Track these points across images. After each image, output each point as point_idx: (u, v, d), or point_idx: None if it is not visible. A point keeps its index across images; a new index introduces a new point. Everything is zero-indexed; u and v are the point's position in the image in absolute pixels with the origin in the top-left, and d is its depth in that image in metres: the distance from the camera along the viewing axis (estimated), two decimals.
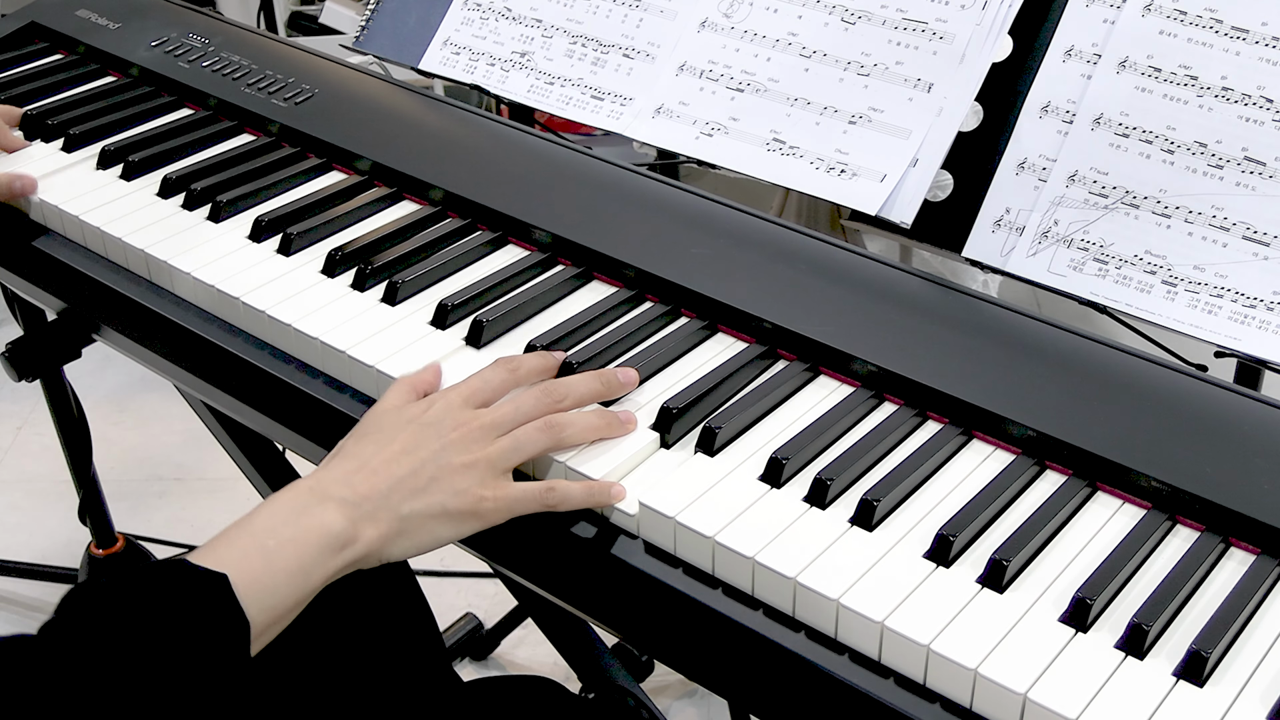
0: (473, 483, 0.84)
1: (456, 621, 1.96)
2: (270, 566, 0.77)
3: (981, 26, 1.08)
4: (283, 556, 0.78)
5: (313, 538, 0.79)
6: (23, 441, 2.40)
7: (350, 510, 0.81)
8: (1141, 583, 0.80)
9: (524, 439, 0.86)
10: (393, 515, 0.82)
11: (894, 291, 1.00)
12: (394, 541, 0.83)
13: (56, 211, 1.17)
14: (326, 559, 0.79)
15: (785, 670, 0.79)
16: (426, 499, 0.83)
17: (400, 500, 0.82)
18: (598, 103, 1.23)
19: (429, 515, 0.83)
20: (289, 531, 0.79)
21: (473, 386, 0.89)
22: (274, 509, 0.81)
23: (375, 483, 0.83)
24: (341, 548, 0.80)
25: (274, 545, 0.78)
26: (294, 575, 0.78)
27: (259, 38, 1.38)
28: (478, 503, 0.84)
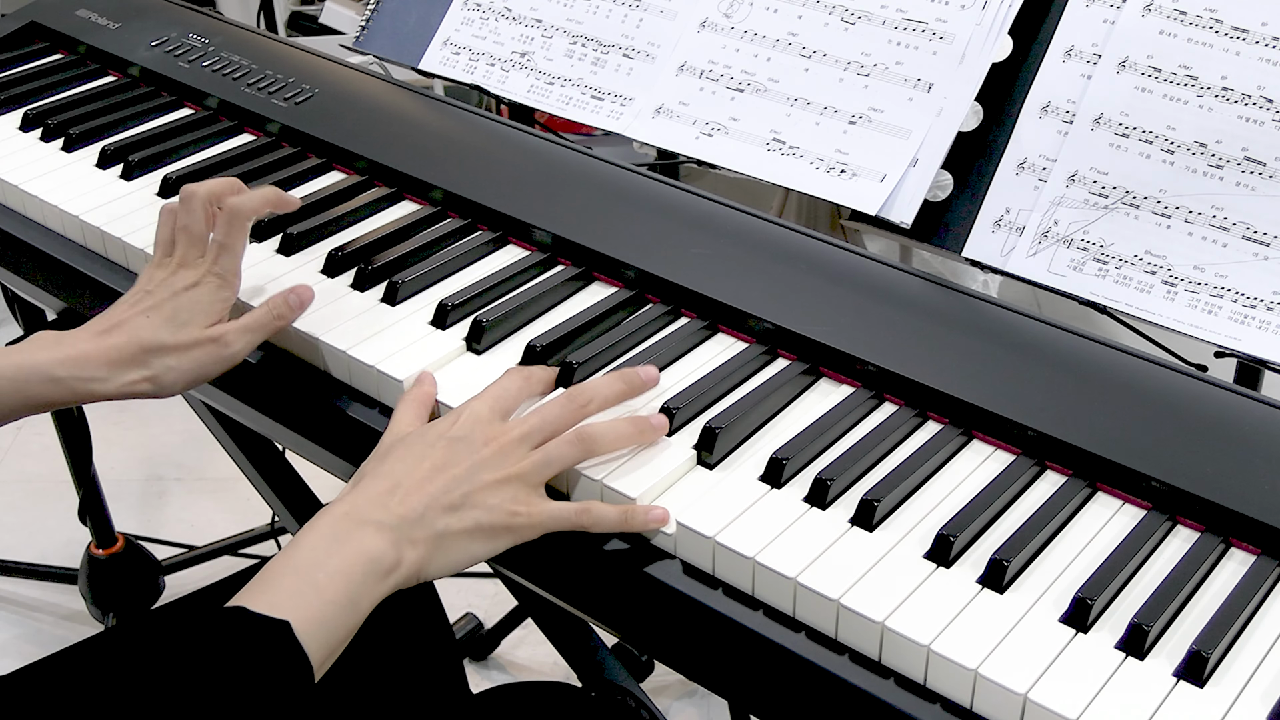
0: (506, 499, 0.84)
1: (456, 621, 1.96)
2: (323, 602, 0.77)
3: (981, 26, 1.08)
4: (333, 589, 0.78)
5: (358, 565, 0.79)
6: (23, 441, 2.40)
7: (390, 533, 0.81)
8: (1142, 583, 0.80)
9: (555, 453, 0.86)
10: (430, 535, 0.82)
11: (894, 291, 1.00)
12: (432, 561, 0.82)
13: (56, 211, 1.17)
14: (373, 585, 0.79)
15: (785, 670, 0.79)
16: (461, 517, 0.83)
17: (435, 518, 0.82)
18: (598, 103, 1.23)
19: (464, 533, 0.83)
20: (335, 563, 0.79)
21: (495, 395, 0.89)
22: (314, 541, 0.80)
23: (411, 503, 0.82)
24: (387, 573, 0.80)
25: (323, 580, 0.78)
26: (344, 608, 0.78)
27: (259, 38, 1.38)
28: (511, 518, 0.83)
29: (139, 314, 0.95)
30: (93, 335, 0.94)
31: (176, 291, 0.96)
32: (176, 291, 0.96)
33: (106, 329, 0.95)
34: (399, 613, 1.08)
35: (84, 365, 0.93)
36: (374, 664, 1.04)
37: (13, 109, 1.32)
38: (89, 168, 1.22)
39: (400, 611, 1.08)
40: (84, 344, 0.93)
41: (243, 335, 0.96)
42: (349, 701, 1.01)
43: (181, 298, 0.96)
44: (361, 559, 0.79)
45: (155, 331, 0.94)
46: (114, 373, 0.93)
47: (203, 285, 0.96)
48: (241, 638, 0.74)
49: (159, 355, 0.94)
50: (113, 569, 1.86)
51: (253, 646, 0.74)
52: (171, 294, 0.96)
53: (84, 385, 0.93)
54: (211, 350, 0.95)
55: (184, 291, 0.96)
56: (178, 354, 0.94)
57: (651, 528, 0.84)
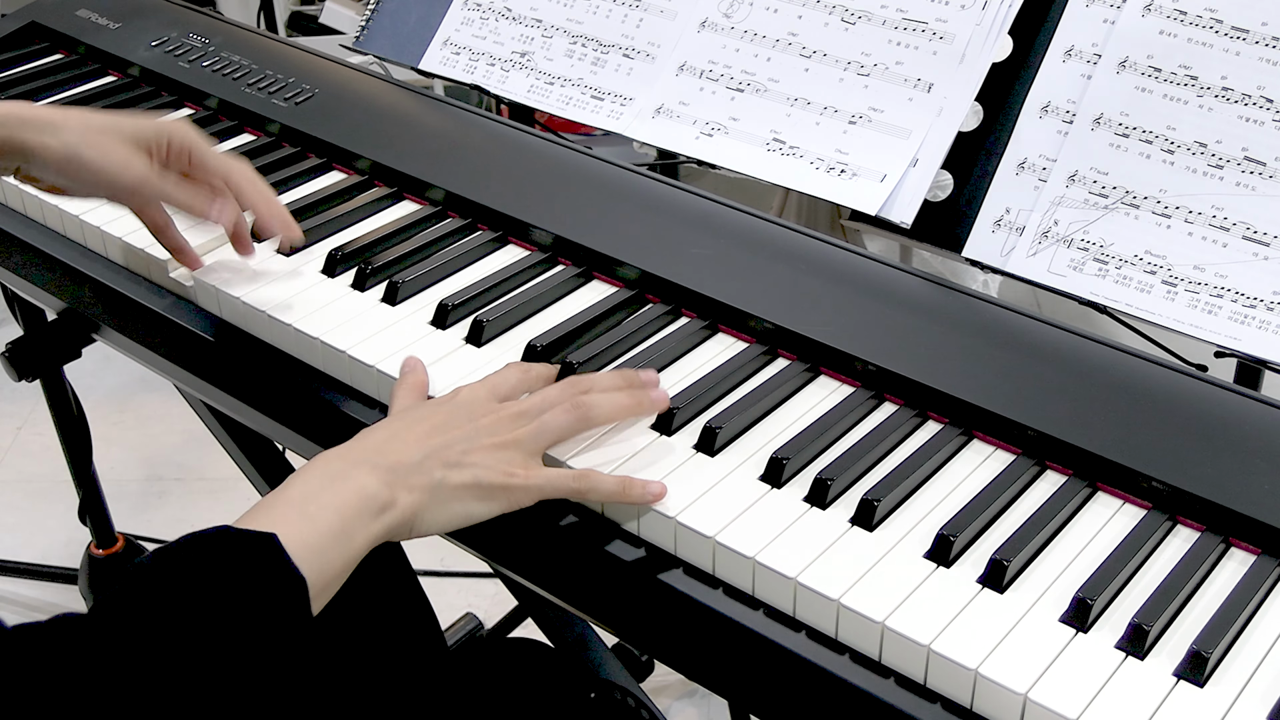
0: (504, 460, 0.84)
1: (456, 621, 1.96)
2: (314, 529, 0.77)
3: (981, 26, 1.08)
4: (324, 519, 0.78)
5: (351, 500, 0.79)
6: (23, 441, 2.40)
7: (385, 474, 0.81)
8: (1142, 583, 0.80)
9: (551, 421, 0.86)
10: (426, 482, 0.82)
11: (894, 291, 1.00)
12: (428, 510, 0.82)
13: (56, 211, 1.17)
14: (367, 522, 0.79)
15: (785, 670, 0.79)
16: (459, 471, 0.83)
17: (432, 468, 0.82)
18: (598, 103, 1.23)
19: (461, 486, 0.83)
20: (327, 497, 0.79)
21: (493, 382, 0.90)
22: (307, 478, 0.80)
23: (408, 451, 0.83)
24: (380, 511, 0.80)
25: (314, 510, 0.78)
26: (338, 537, 0.77)
27: (259, 38, 1.38)
28: (509, 478, 0.84)
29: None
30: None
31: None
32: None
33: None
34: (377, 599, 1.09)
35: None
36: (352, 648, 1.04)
37: None
38: None
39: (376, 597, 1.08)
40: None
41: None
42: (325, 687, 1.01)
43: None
44: (355, 495, 0.79)
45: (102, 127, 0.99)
46: None
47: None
48: (226, 551, 0.74)
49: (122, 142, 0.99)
50: (113, 569, 1.86)
51: (238, 558, 0.73)
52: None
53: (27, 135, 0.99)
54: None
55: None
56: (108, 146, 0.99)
57: (648, 500, 0.84)
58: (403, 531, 0.82)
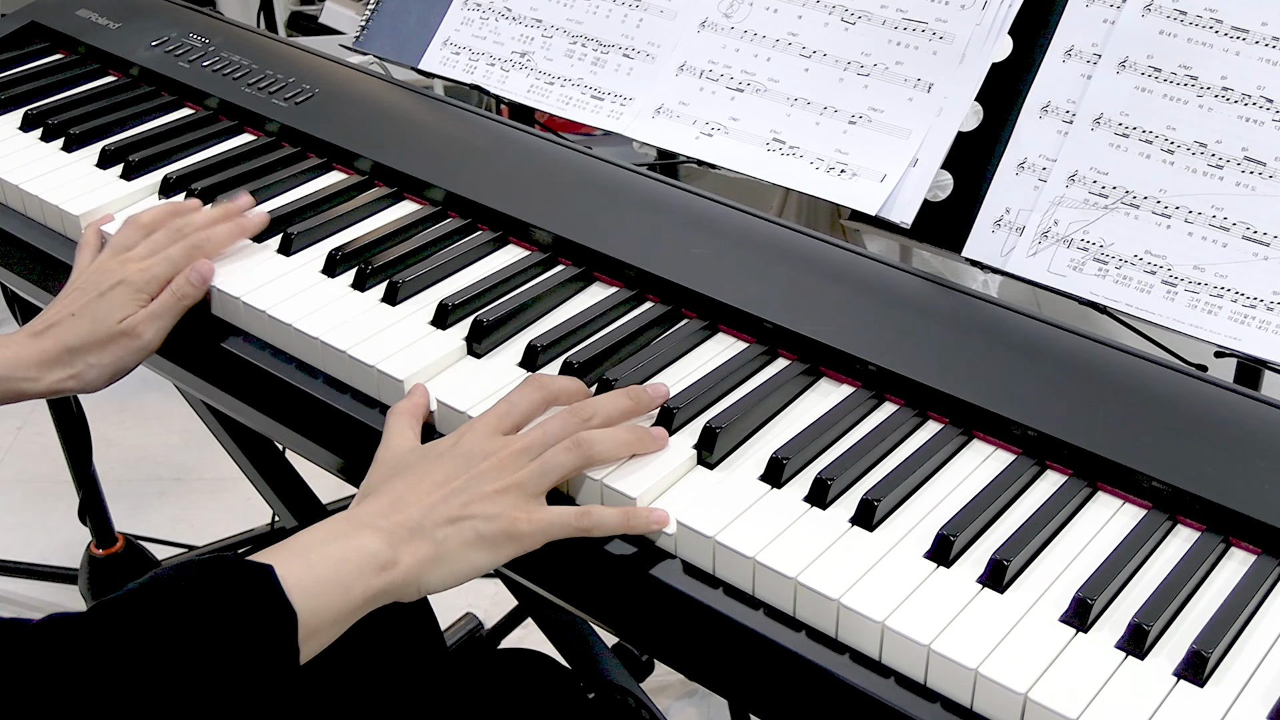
0: (506, 507, 0.84)
1: (456, 621, 1.96)
2: (312, 574, 0.78)
3: (981, 26, 1.08)
4: (324, 567, 0.78)
5: (353, 556, 0.80)
6: (23, 441, 2.40)
7: (387, 536, 0.81)
8: (1142, 583, 0.80)
9: (552, 461, 0.86)
10: (429, 542, 0.82)
11: (894, 291, 1.00)
12: (431, 569, 0.82)
13: (57, 211, 1.17)
14: (367, 577, 0.80)
15: (786, 670, 0.79)
16: (460, 528, 0.83)
17: (434, 526, 0.83)
18: (598, 103, 1.23)
19: (464, 541, 0.83)
20: (329, 549, 0.80)
21: (499, 412, 0.89)
22: (312, 533, 0.81)
23: (410, 514, 0.83)
24: (381, 569, 0.80)
25: (315, 558, 0.79)
26: (335, 586, 0.78)
27: (259, 38, 1.38)
28: (512, 525, 0.83)
29: (66, 315, 1.02)
30: (28, 338, 1.02)
31: (103, 291, 1.02)
32: (103, 291, 1.02)
33: (40, 331, 1.02)
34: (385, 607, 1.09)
35: (18, 367, 1.00)
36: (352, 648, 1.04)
37: (13, 109, 1.32)
38: (89, 167, 1.22)
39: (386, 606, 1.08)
40: (19, 347, 1.01)
41: (152, 323, 1.02)
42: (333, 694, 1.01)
43: (104, 298, 1.02)
44: (357, 551, 0.80)
45: (77, 333, 1.01)
46: (43, 373, 1.01)
47: (124, 285, 1.02)
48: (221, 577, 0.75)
49: (80, 355, 1.01)
50: (113, 569, 1.86)
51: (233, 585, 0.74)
52: (98, 293, 1.02)
53: (18, 385, 1.01)
54: (125, 343, 1.02)
55: (107, 292, 1.02)
56: (97, 351, 1.01)
57: (653, 529, 0.84)
58: (409, 591, 0.82)
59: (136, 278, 1.02)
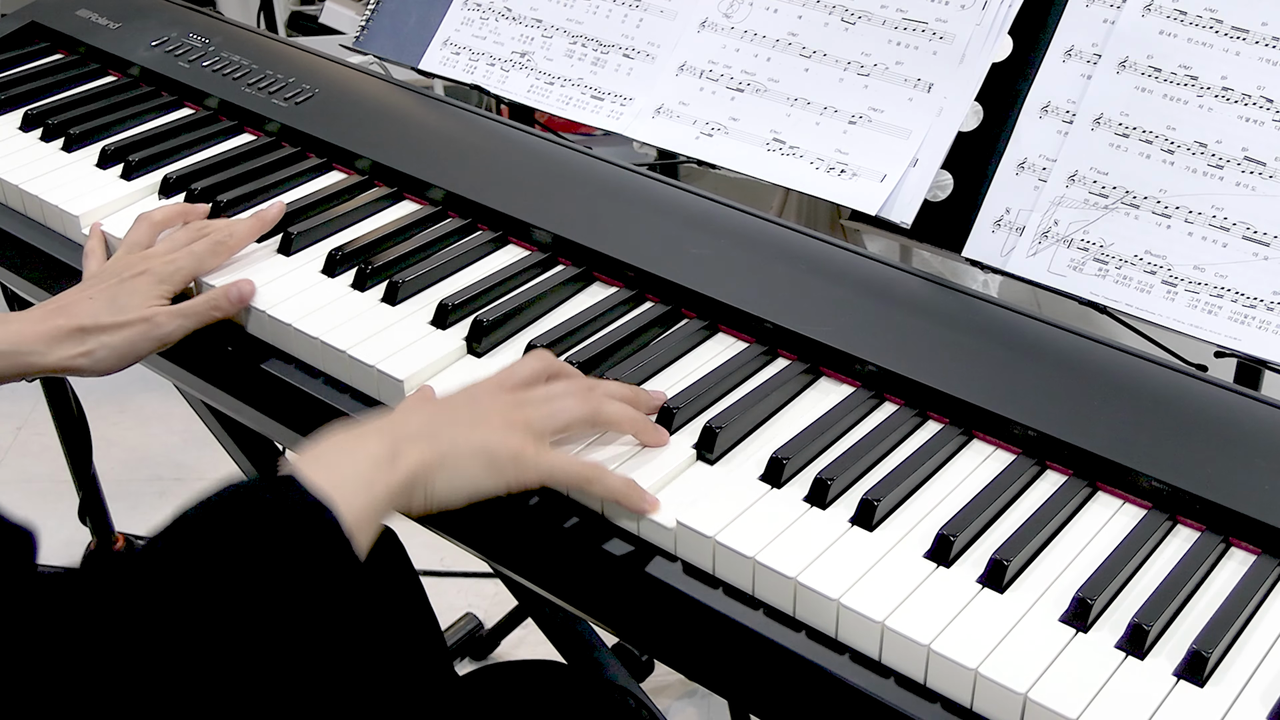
0: (515, 436, 0.84)
1: (456, 621, 1.96)
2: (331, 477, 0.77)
3: (981, 26, 1.08)
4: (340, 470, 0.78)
5: (362, 458, 0.79)
6: (23, 441, 2.40)
7: (391, 437, 0.81)
8: (1142, 583, 0.80)
9: (560, 405, 0.87)
10: (435, 443, 0.82)
11: (894, 291, 1.00)
12: (437, 473, 0.82)
13: (57, 211, 1.17)
14: (381, 473, 0.79)
15: (785, 670, 0.79)
16: (470, 433, 0.83)
17: (442, 427, 0.83)
18: (598, 103, 1.23)
19: (470, 451, 0.83)
20: (335, 456, 0.80)
21: (506, 373, 0.91)
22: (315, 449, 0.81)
23: (417, 420, 0.84)
24: (390, 462, 0.80)
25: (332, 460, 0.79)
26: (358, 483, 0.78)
27: (259, 38, 1.38)
28: (519, 452, 0.84)
29: (83, 298, 1.01)
30: (39, 314, 1.01)
31: (124, 279, 1.02)
32: (124, 279, 1.02)
33: (52, 310, 1.01)
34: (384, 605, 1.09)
35: (24, 341, 0.98)
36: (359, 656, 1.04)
37: (13, 109, 1.32)
38: (89, 167, 1.22)
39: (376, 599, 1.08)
40: (27, 323, 1.00)
41: (176, 319, 1.02)
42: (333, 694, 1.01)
43: (124, 285, 1.01)
44: (366, 455, 0.80)
45: (93, 314, 1.00)
46: (52, 348, 0.99)
47: (147, 275, 1.02)
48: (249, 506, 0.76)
49: (94, 334, 0.99)
50: None
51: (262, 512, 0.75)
52: (118, 280, 1.02)
53: (24, 359, 0.99)
54: (143, 329, 1.00)
55: (128, 280, 1.02)
56: (111, 332, 1.00)
57: (646, 510, 0.84)
58: (418, 493, 0.81)
59: (161, 269, 1.02)
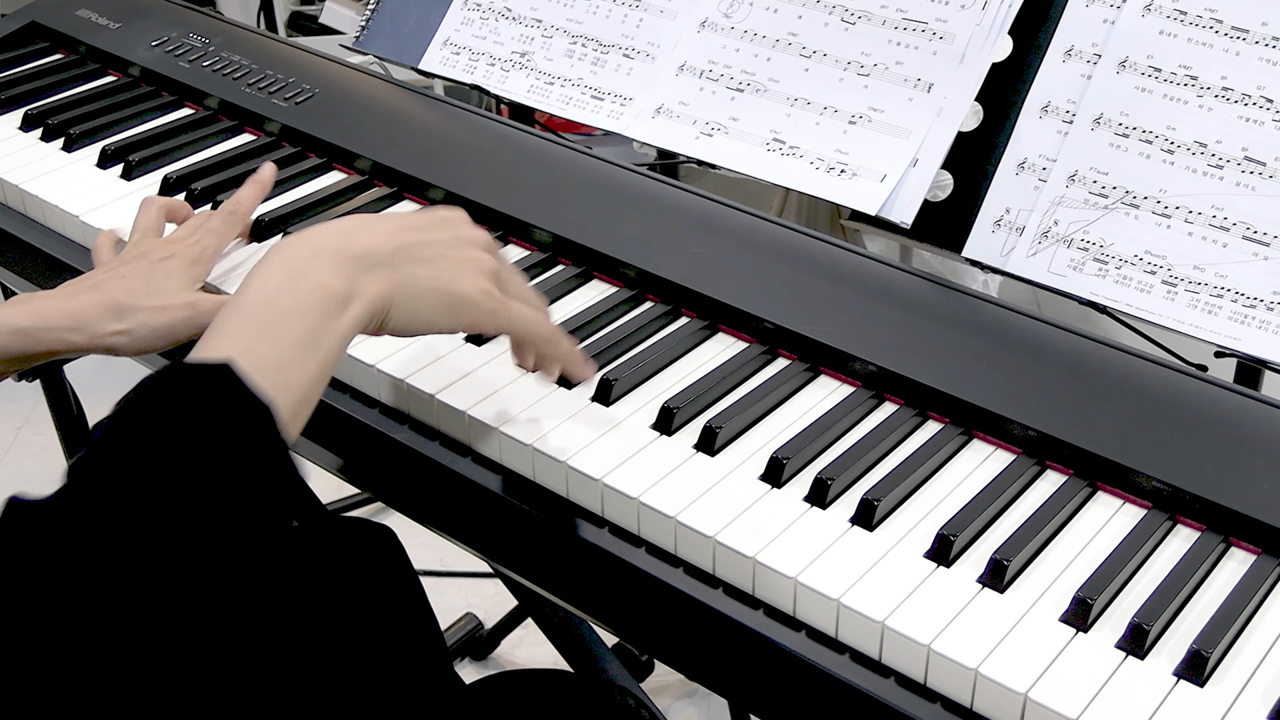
0: (480, 279, 0.82)
1: (456, 621, 1.96)
2: (275, 343, 0.73)
3: (981, 26, 1.08)
4: (284, 331, 0.73)
5: (313, 300, 0.75)
6: (23, 441, 2.40)
7: (347, 264, 0.77)
8: (1142, 582, 0.80)
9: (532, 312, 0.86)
10: (394, 274, 0.78)
11: (894, 291, 1.00)
12: (394, 305, 0.79)
13: (57, 211, 1.17)
14: (331, 322, 0.75)
15: (785, 670, 0.79)
16: (432, 268, 0.80)
17: (402, 261, 0.79)
18: (598, 103, 1.23)
19: (430, 289, 0.80)
20: (285, 301, 0.74)
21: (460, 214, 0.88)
22: (265, 279, 0.75)
23: (377, 241, 0.79)
24: (343, 306, 0.75)
25: (274, 320, 0.73)
26: (303, 347, 0.73)
27: (259, 38, 1.38)
28: (483, 295, 0.81)
29: (115, 277, 0.97)
30: (64, 294, 0.96)
31: (154, 261, 0.99)
32: (154, 261, 0.99)
33: (80, 290, 0.96)
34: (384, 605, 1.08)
35: (51, 317, 0.93)
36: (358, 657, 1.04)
37: (13, 109, 1.32)
38: (89, 167, 1.23)
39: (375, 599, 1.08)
40: (53, 300, 0.95)
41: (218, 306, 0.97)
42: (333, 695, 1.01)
43: (157, 267, 0.98)
44: (316, 293, 0.75)
45: (129, 291, 0.96)
46: (87, 324, 0.94)
47: (178, 258, 1.00)
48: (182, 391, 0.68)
49: (132, 313, 0.95)
50: None
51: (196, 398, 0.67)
52: (149, 263, 0.99)
53: (53, 335, 0.93)
54: (186, 315, 0.97)
55: (160, 262, 0.99)
56: (151, 313, 0.96)
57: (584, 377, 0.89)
58: (372, 324, 0.78)
59: (188, 252, 1.01)
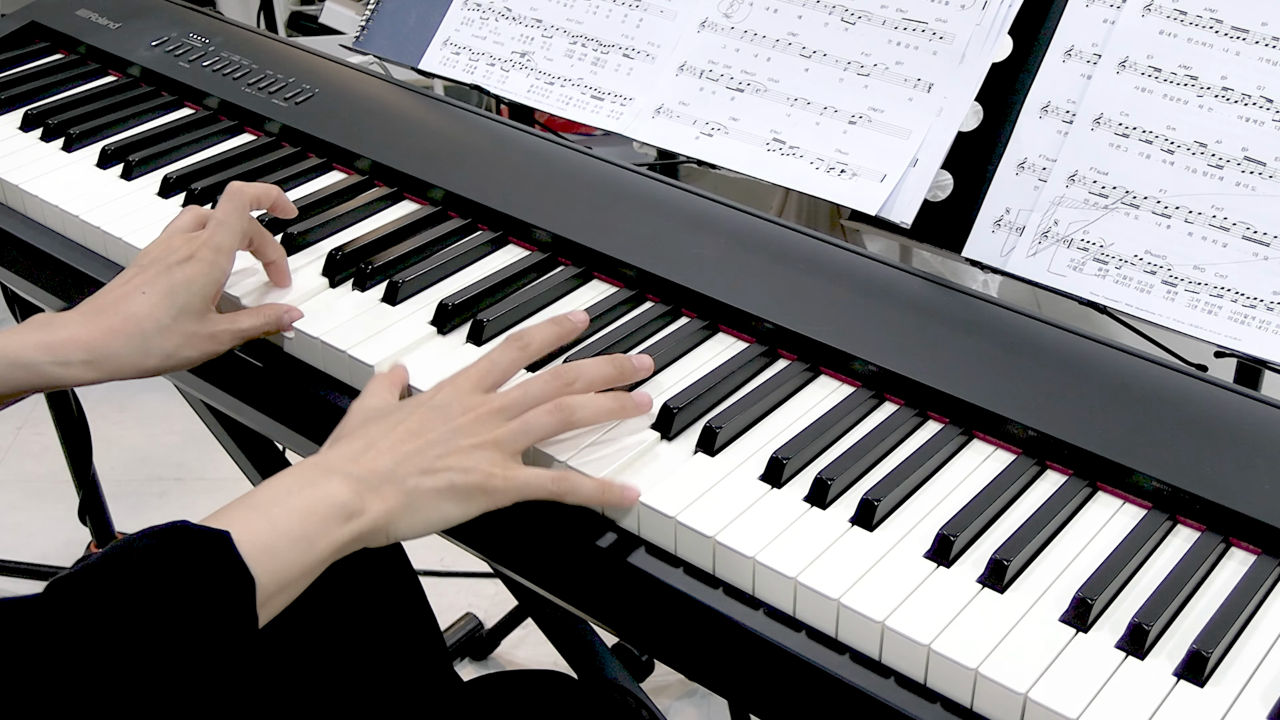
0: (482, 462, 0.83)
1: (456, 621, 1.96)
2: (274, 531, 0.76)
3: (981, 26, 1.08)
4: (286, 523, 0.77)
5: (318, 507, 0.78)
6: (23, 441, 2.41)
7: (356, 484, 0.80)
8: (1142, 583, 0.80)
9: (533, 421, 0.85)
10: (400, 490, 0.81)
11: (894, 291, 1.00)
12: (401, 517, 0.82)
13: (57, 211, 1.17)
14: (332, 528, 0.78)
15: (786, 670, 0.79)
16: (434, 476, 0.82)
17: (406, 475, 0.82)
18: (598, 103, 1.23)
19: (436, 492, 0.82)
20: (292, 501, 0.78)
21: (481, 370, 0.88)
22: (278, 483, 0.80)
23: (383, 460, 0.82)
24: (348, 518, 0.79)
25: (278, 513, 0.77)
26: (298, 541, 0.77)
27: (259, 38, 1.38)
28: (486, 479, 0.83)
29: (134, 291, 0.94)
30: (83, 318, 0.93)
31: (170, 266, 0.95)
32: (170, 266, 0.95)
33: (98, 310, 0.94)
34: (377, 600, 1.08)
35: (66, 350, 0.91)
36: (352, 652, 1.04)
37: (13, 109, 1.32)
38: (89, 167, 1.22)
39: (376, 599, 1.08)
40: (73, 328, 0.92)
41: (235, 339, 0.98)
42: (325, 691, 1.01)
43: (176, 273, 0.95)
44: (323, 501, 0.78)
45: (153, 310, 0.93)
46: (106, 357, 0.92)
47: (197, 259, 0.96)
48: (177, 546, 0.72)
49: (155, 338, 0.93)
50: None
51: (188, 554, 0.72)
52: (166, 267, 0.95)
53: (62, 371, 0.91)
54: (205, 345, 0.96)
55: (178, 265, 0.95)
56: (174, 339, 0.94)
57: (625, 503, 0.84)
58: (376, 538, 0.81)
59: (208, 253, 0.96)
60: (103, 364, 0.92)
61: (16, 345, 0.91)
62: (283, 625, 0.79)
